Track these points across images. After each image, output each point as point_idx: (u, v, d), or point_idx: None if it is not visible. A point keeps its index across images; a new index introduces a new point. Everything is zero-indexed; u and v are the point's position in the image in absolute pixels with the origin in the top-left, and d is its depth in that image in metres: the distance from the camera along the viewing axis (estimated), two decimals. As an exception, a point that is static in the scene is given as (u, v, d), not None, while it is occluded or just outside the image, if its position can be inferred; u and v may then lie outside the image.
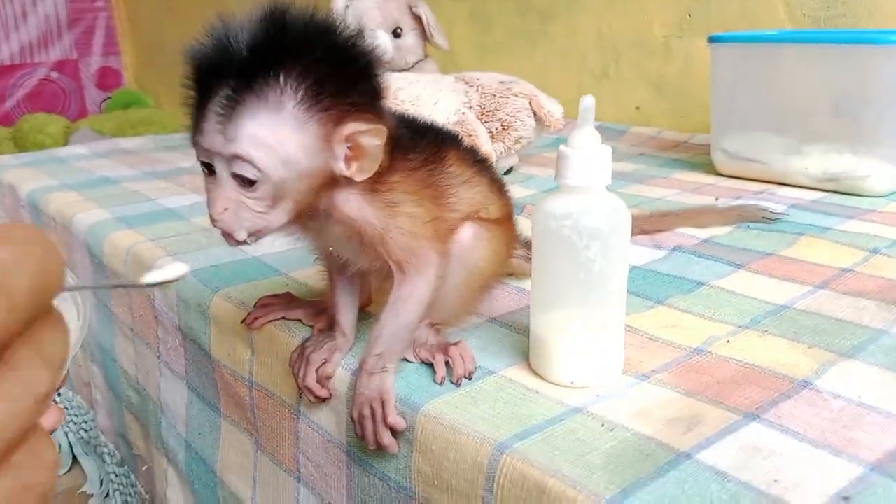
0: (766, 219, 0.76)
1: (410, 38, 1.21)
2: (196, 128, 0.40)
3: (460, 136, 0.55)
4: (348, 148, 0.41)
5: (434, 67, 1.26)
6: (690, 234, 0.74)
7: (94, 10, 2.78)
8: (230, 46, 0.38)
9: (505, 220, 0.53)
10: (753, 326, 0.53)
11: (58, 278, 0.21)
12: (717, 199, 0.88)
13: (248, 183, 0.39)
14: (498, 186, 0.54)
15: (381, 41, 1.19)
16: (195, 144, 0.40)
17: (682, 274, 0.63)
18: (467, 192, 0.49)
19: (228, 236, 0.41)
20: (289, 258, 0.69)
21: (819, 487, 0.35)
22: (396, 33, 1.20)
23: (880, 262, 0.65)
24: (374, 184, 0.43)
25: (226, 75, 0.38)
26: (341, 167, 0.41)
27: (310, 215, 0.44)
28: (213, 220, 0.41)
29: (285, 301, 0.56)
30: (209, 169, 0.40)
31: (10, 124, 2.46)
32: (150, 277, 0.36)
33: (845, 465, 0.36)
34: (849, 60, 0.85)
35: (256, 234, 0.41)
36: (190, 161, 1.17)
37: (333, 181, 0.42)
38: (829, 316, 0.54)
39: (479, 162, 0.53)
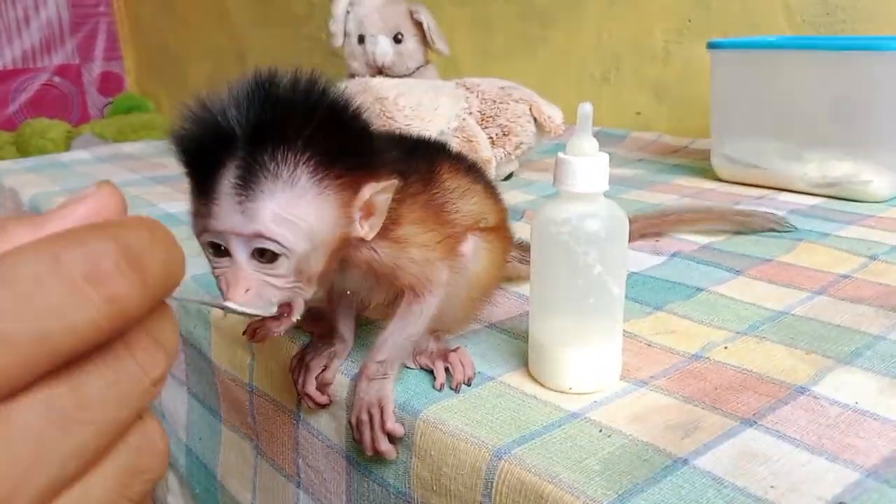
0: (775, 230, 0.75)
1: (411, 43, 1.22)
2: (203, 212, 0.38)
3: (447, 145, 0.54)
4: (360, 209, 0.40)
5: (435, 73, 1.26)
6: (690, 240, 0.74)
7: (95, 15, 2.79)
8: (223, 125, 0.36)
9: (501, 227, 0.53)
10: (752, 332, 0.53)
11: (180, 271, 0.21)
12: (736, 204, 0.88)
13: (269, 260, 0.38)
14: (492, 192, 0.54)
15: (381, 47, 1.19)
16: (204, 230, 0.38)
17: (681, 280, 0.63)
18: (466, 205, 0.49)
19: (271, 320, 0.39)
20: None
21: (814, 493, 0.35)
22: (397, 39, 1.21)
23: (879, 267, 0.65)
24: (383, 223, 0.42)
25: (228, 156, 0.37)
26: (357, 230, 0.40)
27: (329, 273, 0.43)
28: (228, 304, 0.38)
29: (285, 307, 0.56)
30: (216, 250, 0.39)
31: (12, 129, 2.47)
32: (234, 305, 0.37)
33: (841, 471, 0.36)
34: (848, 66, 0.85)
35: (287, 309, 0.39)
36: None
37: (348, 241, 0.41)
38: (827, 322, 0.54)
39: (470, 169, 0.52)
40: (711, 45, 0.97)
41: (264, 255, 0.37)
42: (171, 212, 0.93)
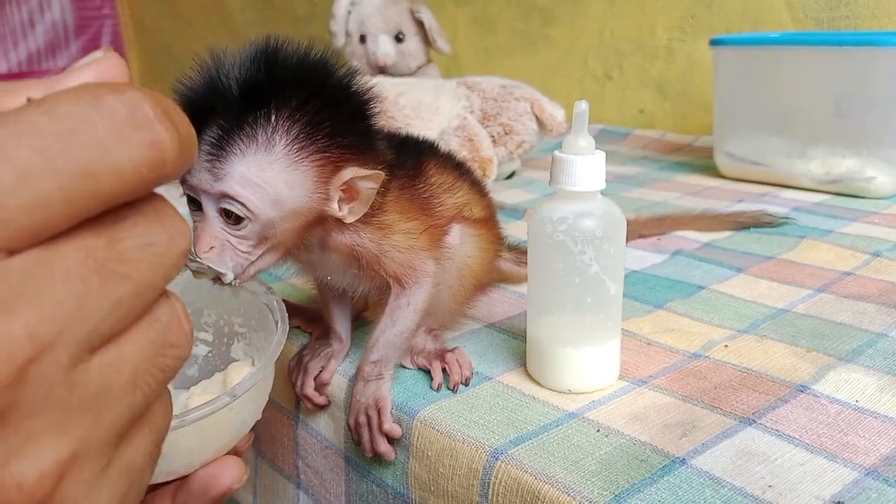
0: (768, 223, 0.76)
1: (413, 42, 1.22)
2: None
3: (436, 143, 0.54)
4: (342, 191, 0.40)
5: (436, 72, 1.26)
6: (692, 238, 0.74)
7: (100, 18, 2.80)
8: (220, 84, 0.37)
9: (488, 221, 0.53)
10: (752, 330, 0.52)
11: (195, 144, 0.21)
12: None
13: (235, 221, 0.38)
14: (479, 188, 0.54)
15: (383, 46, 1.19)
16: (182, 181, 0.39)
17: (683, 278, 0.63)
18: (451, 198, 0.49)
19: (214, 278, 0.40)
20: (287, 265, 0.69)
21: (812, 492, 0.34)
22: (399, 38, 1.21)
23: (882, 264, 0.64)
24: (367, 210, 0.42)
25: (216, 113, 0.37)
26: (334, 209, 0.40)
27: (302, 249, 0.43)
28: (191, 259, 0.39)
29: (283, 308, 0.56)
30: (195, 205, 0.39)
31: (17, 132, 2.47)
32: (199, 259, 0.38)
33: (840, 470, 0.36)
34: (852, 62, 0.84)
35: (241, 276, 0.40)
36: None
37: (323, 220, 0.41)
38: (828, 319, 0.54)
39: (457, 166, 0.53)
40: (714, 42, 0.96)
41: (230, 216, 0.38)
42: (173, 213, 0.93)
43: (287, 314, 0.40)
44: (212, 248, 0.39)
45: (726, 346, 0.50)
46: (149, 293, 0.20)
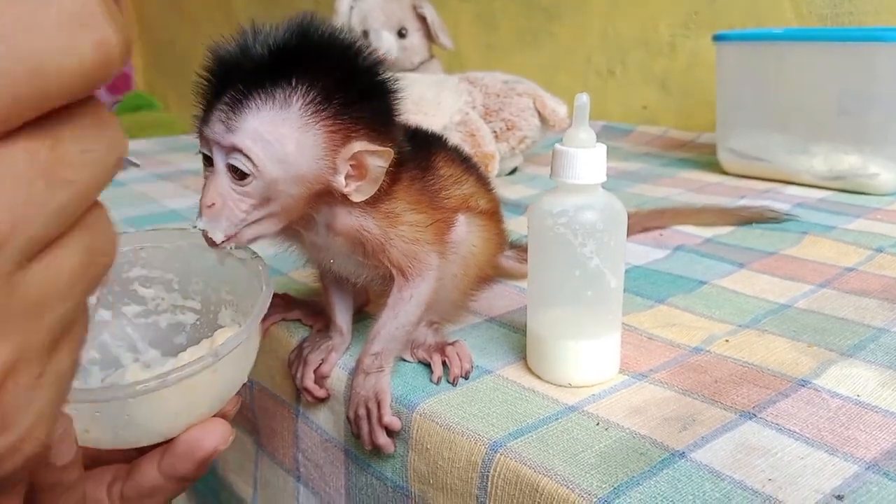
0: (772, 219, 0.76)
1: (415, 38, 1.21)
2: (203, 119, 0.40)
3: (444, 137, 0.55)
4: (351, 166, 0.40)
5: (439, 68, 1.26)
6: (694, 234, 0.73)
7: (104, 14, 2.80)
8: (251, 48, 0.38)
9: (493, 214, 0.53)
10: (754, 325, 0.52)
11: (130, 47, 0.20)
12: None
13: (240, 177, 0.39)
14: (484, 183, 0.54)
15: (385, 42, 1.19)
16: (200, 135, 0.40)
17: (684, 273, 0.63)
18: (458, 191, 0.49)
19: (208, 239, 0.40)
20: (288, 258, 0.69)
21: (812, 486, 0.34)
22: (401, 34, 1.20)
23: (885, 260, 0.64)
24: (376, 195, 0.43)
25: (242, 74, 0.38)
26: (340, 182, 0.40)
27: (305, 226, 0.43)
28: (199, 213, 0.40)
29: (284, 302, 0.56)
30: (209, 162, 0.40)
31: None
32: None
33: (840, 464, 0.36)
34: (855, 58, 0.84)
35: (235, 238, 0.40)
36: (194, 163, 1.18)
37: (329, 194, 0.41)
38: (830, 315, 0.53)
39: (464, 160, 0.53)
40: (717, 38, 0.96)
41: (236, 172, 0.39)
42: (175, 208, 0.94)
43: (271, 279, 0.40)
44: (214, 203, 0.39)
45: (727, 340, 0.50)
46: (87, 199, 0.20)
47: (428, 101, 0.97)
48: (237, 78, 0.38)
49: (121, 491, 0.36)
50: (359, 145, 0.40)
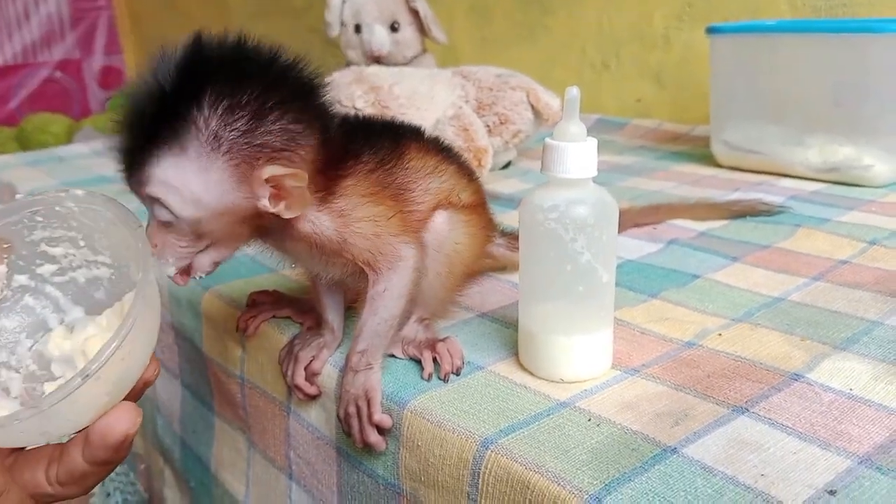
0: (764, 212, 0.75)
1: (408, 32, 1.21)
2: (123, 172, 0.40)
3: (422, 129, 0.54)
4: (272, 187, 0.40)
5: (432, 62, 1.25)
6: (688, 227, 0.73)
7: (95, 10, 2.78)
8: (148, 84, 0.38)
9: (478, 206, 0.52)
10: (747, 319, 0.52)
11: None
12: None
13: (166, 224, 0.40)
14: (467, 173, 0.53)
15: (378, 36, 1.18)
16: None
17: (677, 267, 0.63)
18: (433, 182, 0.48)
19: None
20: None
21: (805, 481, 0.34)
22: (394, 27, 1.20)
23: (878, 252, 0.64)
24: (324, 195, 0.43)
25: (141, 119, 0.39)
26: (266, 205, 0.41)
27: (263, 238, 0.45)
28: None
29: (274, 299, 0.56)
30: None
31: (13, 124, 2.46)
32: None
33: (833, 459, 0.36)
34: (849, 50, 0.84)
35: (188, 271, 0.42)
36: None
37: (265, 214, 0.41)
38: (823, 308, 0.53)
39: (443, 150, 0.52)
40: (710, 30, 0.96)
41: (161, 218, 0.40)
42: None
43: (151, 254, 0.40)
44: (156, 245, 0.40)
45: (720, 334, 0.50)
46: None
47: (421, 96, 0.96)
48: (139, 122, 0.39)
49: (56, 475, 0.37)
50: (266, 172, 0.40)
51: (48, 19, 2.68)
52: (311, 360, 0.49)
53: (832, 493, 0.33)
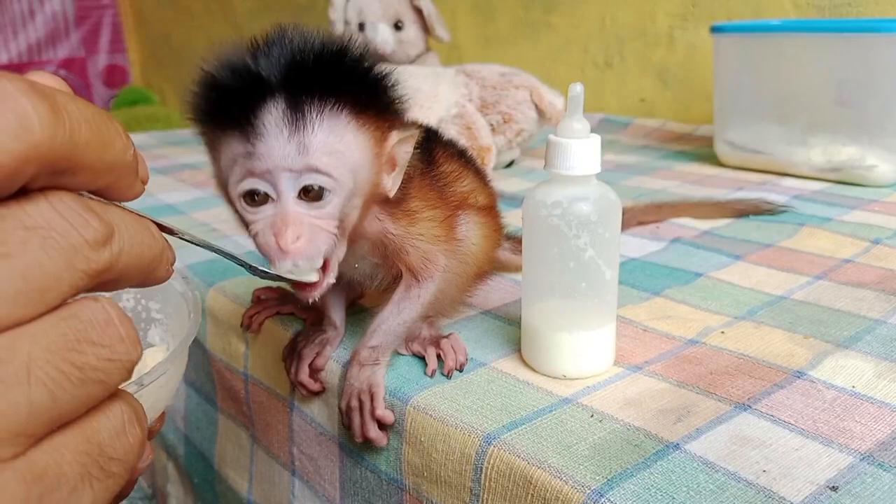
0: (767, 211, 0.75)
1: (412, 30, 1.21)
2: (245, 155, 0.36)
3: (438, 130, 0.54)
4: (386, 158, 0.40)
5: (436, 60, 1.25)
6: (691, 226, 0.73)
7: (100, 8, 2.79)
8: (255, 70, 0.36)
9: (491, 209, 0.53)
10: (750, 317, 0.52)
11: (108, 132, 0.21)
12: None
13: (316, 198, 0.37)
14: (481, 177, 0.54)
15: (382, 34, 1.18)
16: (248, 174, 0.37)
17: (681, 265, 0.63)
18: (459, 187, 0.49)
19: (302, 287, 0.38)
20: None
21: (807, 477, 0.34)
22: (398, 26, 1.20)
23: (882, 252, 0.64)
24: (396, 196, 0.42)
25: (267, 97, 0.36)
26: (385, 180, 0.41)
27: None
28: (278, 257, 0.36)
29: (279, 296, 0.56)
30: (252, 200, 0.37)
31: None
32: (279, 271, 0.37)
33: (835, 455, 0.36)
34: (853, 49, 0.84)
35: (326, 273, 0.38)
36: (190, 157, 1.17)
37: (369, 200, 0.41)
38: (826, 306, 0.53)
39: (461, 154, 0.53)
40: (714, 29, 0.96)
41: (310, 193, 0.36)
42: (171, 202, 0.93)
43: (200, 305, 0.39)
44: (299, 237, 0.36)
45: (723, 332, 0.50)
46: (44, 277, 0.19)
47: (424, 94, 0.97)
48: (263, 103, 0.36)
49: None
50: (396, 135, 0.40)
51: (53, 18, 2.69)
52: (314, 357, 0.49)
53: (834, 489, 0.33)
